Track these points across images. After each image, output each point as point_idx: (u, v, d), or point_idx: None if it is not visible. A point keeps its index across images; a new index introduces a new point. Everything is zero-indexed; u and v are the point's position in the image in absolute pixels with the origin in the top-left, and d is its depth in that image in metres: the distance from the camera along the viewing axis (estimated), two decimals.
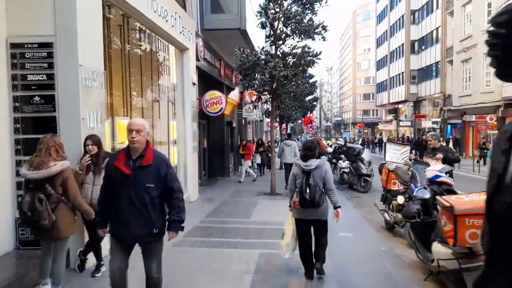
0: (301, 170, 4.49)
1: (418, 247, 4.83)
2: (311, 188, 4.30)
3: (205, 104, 10.61)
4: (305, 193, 4.29)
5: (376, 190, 12.60)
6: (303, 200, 4.31)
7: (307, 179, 4.39)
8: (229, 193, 11.49)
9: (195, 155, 10.37)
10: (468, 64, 25.17)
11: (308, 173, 4.42)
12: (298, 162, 4.63)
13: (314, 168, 4.42)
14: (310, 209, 4.38)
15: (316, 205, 4.33)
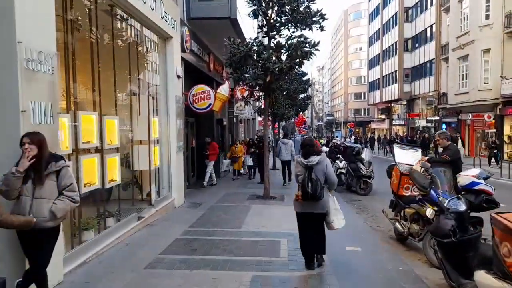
0: (303, 166, 4.74)
1: (448, 270, 3.91)
2: (312, 182, 4.54)
3: (192, 100, 9.60)
4: (307, 187, 4.54)
5: (377, 192, 11.74)
6: (305, 193, 4.56)
7: (309, 174, 4.62)
8: (219, 197, 10.49)
9: (180, 155, 9.35)
10: (465, 61, 24.53)
11: (310, 168, 4.67)
12: (299, 159, 4.85)
13: (316, 164, 4.68)
14: (311, 203, 4.64)
15: (317, 198, 4.57)
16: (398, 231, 6.15)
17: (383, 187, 12.45)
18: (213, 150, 12.30)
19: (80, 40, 5.75)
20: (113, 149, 6.40)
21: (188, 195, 10.61)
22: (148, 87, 8.06)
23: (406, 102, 37.70)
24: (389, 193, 12.24)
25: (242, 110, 17.74)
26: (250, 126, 27.65)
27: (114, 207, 6.57)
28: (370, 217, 8.49)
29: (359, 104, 64.56)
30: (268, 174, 10.40)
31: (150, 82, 8.20)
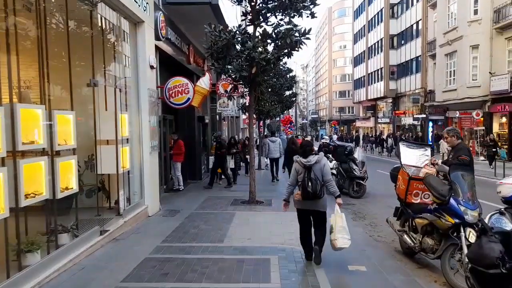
0: (302, 166, 4.86)
1: None
2: (312, 181, 4.71)
3: (168, 94, 8.54)
4: (307, 187, 4.71)
5: (371, 195, 10.93)
6: (306, 193, 4.75)
7: (308, 173, 4.76)
8: (199, 202, 9.46)
9: (155, 156, 8.28)
10: (453, 58, 24.13)
11: (309, 168, 4.80)
12: (298, 159, 4.96)
13: (314, 163, 4.82)
14: (311, 201, 4.84)
15: (318, 197, 4.78)
16: (408, 244, 5.27)
17: (377, 189, 11.70)
18: (178, 150, 10.93)
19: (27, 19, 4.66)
20: (68, 151, 5.30)
21: (165, 200, 9.56)
22: (115, 78, 6.96)
23: (392, 100, 37.34)
24: (383, 195, 11.59)
25: (225, 107, 16.70)
26: (234, 124, 26.62)
27: (71, 220, 5.47)
28: (368, 224, 7.63)
29: (343, 102, 64.31)
30: (254, 176, 9.43)
31: (118, 73, 7.09)
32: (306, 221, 5.09)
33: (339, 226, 4.76)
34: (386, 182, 13.90)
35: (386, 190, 11.81)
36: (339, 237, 4.70)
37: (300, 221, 5.19)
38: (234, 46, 8.53)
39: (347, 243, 4.71)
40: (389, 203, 9.84)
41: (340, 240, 4.69)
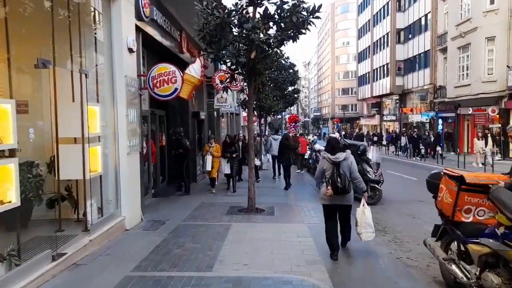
0: (331, 162, 5.07)
1: None
2: (341, 177, 4.97)
3: (152, 83, 7.22)
4: (337, 182, 4.93)
5: (386, 200, 9.60)
6: (336, 188, 4.94)
7: (337, 170, 5.01)
8: (191, 209, 8.17)
9: (134, 158, 6.97)
10: (466, 51, 22.69)
11: (337, 164, 5.04)
12: (326, 155, 5.17)
13: (343, 160, 5.07)
14: (340, 196, 5.02)
15: (347, 192, 5.03)
16: (457, 277, 3.94)
17: (392, 193, 10.36)
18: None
19: None
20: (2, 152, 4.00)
21: (151, 208, 8.26)
22: (81, 61, 5.63)
23: (398, 96, 35.91)
24: (401, 200, 9.94)
25: (223, 103, 15.37)
26: (234, 122, 25.25)
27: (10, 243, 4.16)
28: (392, 241, 6.29)
29: (346, 99, 62.93)
30: (254, 180, 8.11)
31: (84, 55, 5.76)
32: (333, 217, 5.24)
33: (364, 222, 5.16)
34: (401, 184, 12.60)
35: (403, 194, 10.50)
36: (364, 232, 5.15)
37: (327, 218, 5.31)
38: (229, 26, 7.20)
39: (371, 236, 5.24)
40: (410, 211, 8.52)
41: (365, 234, 5.18)
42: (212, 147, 10.63)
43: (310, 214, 7.82)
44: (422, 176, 14.58)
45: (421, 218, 7.80)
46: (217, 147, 10.82)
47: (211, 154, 10.45)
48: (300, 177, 14.24)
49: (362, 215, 5.22)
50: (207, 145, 11.01)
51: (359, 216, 5.24)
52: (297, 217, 7.53)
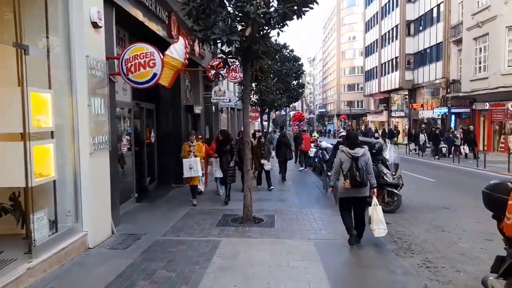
0: (350, 157, 5.24)
1: None
2: (360, 171, 5.17)
3: (125, 68, 5.93)
4: (356, 176, 5.14)
5: (406, 207, 8.26)
6: (354, 181, 5.15)
7: (356, 164, 5.20)
8: (176, 219, 6.89)
9: (102, 158, 5.68)
10: (484, 42, 21.18)
11: (356, 159, 5.22)
12: (345, 149, 5.33)
13: (361, 156, 5.25)
14: (357, 189, 5.24)
15: (365, 185, 5.26)
16: None
17: (411, 197, 8.99)
18: None
19: None
20: None
21: (130, 217, 7.02)
22: (17, 35, 4.32)
23: (407, 91, 34.37)
24: (423, 207, 8.41)
25: (221, 96, 14.06)
26: (235, 117, 23.91)
27: None
28: (422, 264, 4.94)
29: (352, 96, 61.38)
30: (250, 184, 6.79)
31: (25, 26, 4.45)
32: (349, 209, 5.46)
33: (376, 219, 5.33)
34: (418, 187, 10.72)
35: (422, 199, 9.11)
36: (376, 228, 5.31)
37: (344, 210, 5.52)
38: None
39: (383, 232, 5.35)
40: (436, 221, 7.13)
41: (377, 231, 5.31)
42: (193, 146, 8.14)
43: (317, 225, 6.51)
44: (440, 177, 13.11)
45: (453, 232, 6.46)
46: (200, 146, 8.35)
47: (195, 156, 8.09)
48: (304, 178, 12.92)
49: (374, 211, 5.38)
50: (186, 144, 8.27)
51: (371, 213, 5.39)
52: (301, 230, 6.22)
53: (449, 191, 10.52)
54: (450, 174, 14.25)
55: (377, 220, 5.32)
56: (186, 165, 7.95)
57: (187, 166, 7.93)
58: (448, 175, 13.77)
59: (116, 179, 6.40)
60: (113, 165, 6.14)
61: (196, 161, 7.97)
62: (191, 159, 7.95)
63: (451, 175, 13.94)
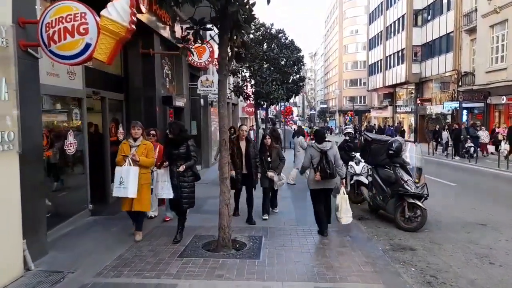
0: (319, 151, 5.54)
1: None
2: (330, 164, 5.44)
3: (46, 36, 4.16)
4: (326, 168, 5.40)
5: (434, 223, 6.48)
6: (325, 173, 5.41)
7: (325, 157, 5.48)
8: (127, 245, 5.14)
9: (1, 166, 3.90)
10: (502, 29, 19.31)
11: (325, 152, 5.51)
12: (313, 144, 5.64)
13: (329, 149, 5.56)
14: (327, 180, 5.51)
15: (334, 176, 5.54)
16: None
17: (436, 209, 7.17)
18: None
19: None
20: None
21: (66, 241, 5.29)
22: None
23: (414, 85, 32.49)
24: (451, 222, 6.49)
25: (209, 87, 12.26)
26: (230, 112, 22.09)
27: None
28: None
29: (355, 91, 59.55)
30: (228, 197, 5.02)
31: None
32: (320, 200, 5.68)
33: (344, 208, 5.64)
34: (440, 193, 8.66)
35: (450, 210, 7.21)
36: (343, 216, 5.64)
37: (315, 200, 5.74)
38: None
39: (349, 219, 5.69)
40: (475, 245, 5.18)
41: (344, 219, 5.65)
42: (136, 147, 5.18)
43: (320, 256, 4.75)
44: (461, 180, 10.38)
45: (506, 265, 4.68)
46: (148, 147, 5.28)
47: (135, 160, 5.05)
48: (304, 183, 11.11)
49: (343, 201, 5.64)
50: (124, 142, 5.31)
51: (339, 201, 5.65)
52: (297, 264, 4.48)
53: (477, 198, 8.75)
54: (471, 176, 12.44)
55: (345, 209, 5.63)
56: (117, 177, 5.05)
57: (117, 179, 5.03)
58: (470, 178, 11.96)
59: (40, 192, 4.63)
60: (33, 173, 4.37)
61: (130, 171, 4.95)
62: (123, 169, 4.99)
63: (472, 177, 12.13)
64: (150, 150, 5.30)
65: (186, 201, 5.27)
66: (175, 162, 5.19)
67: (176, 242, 5.22)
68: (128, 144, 5.24)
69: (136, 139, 5.24)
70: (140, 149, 5.19)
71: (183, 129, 5.37)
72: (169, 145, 5.30)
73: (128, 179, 4.92)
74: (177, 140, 5.21)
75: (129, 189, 4.91)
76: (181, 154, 5.20)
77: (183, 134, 5.30)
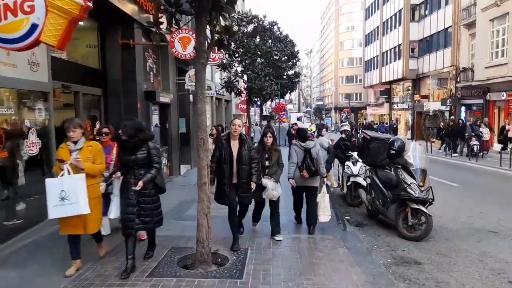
0: (303, 149, 5.65)
1: None
2: (314, 162, 5.56)
3: None
4: (311, 166, 5.53)
5: (439, 231, 5.85)
6: (309, 170, 5.52)
7: (309, 155, 5.58)
8: (88, 263, 4.47)
9: None
10: (503, 23, 18.72)
11: (308, 151, 5.62)
12: (297, 143, 5.77)
13: (312, 147, 5.66)
14: (309, 178, 5.58)
15: (317, 174, 5.62)
16: None
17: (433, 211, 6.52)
18: None
19: None
20: None
21: (28, 254, 4.58)
22: None
23: (411, 82, 31.92)
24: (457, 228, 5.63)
25: None
26: (222, 109, 21.38)
27: None
28: None
29: (351, 88, 58.91)
30: (208, 206, 4.34)
31: None
32: (300, 195, 5.82)
33: (323, 206, 5.66)
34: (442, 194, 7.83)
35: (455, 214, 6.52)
36: (322, 214, 5.65)
37: (296, 196, 5.90)
38: None
39: (328, 218, 5.68)
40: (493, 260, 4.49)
41: (322, 217, 5.65)
42: (77, 151, 4.03)
43: (313, 269, 4.10)
44: (463, 180, 9.20)
45: None
46: (94, 149, 4.16)
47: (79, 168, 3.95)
48: None
49: (322, 199, 5.67)
50: (62, 147, 4.08)
51: (319, 200, 5.67)
52: (288, 282, 3.83)
53: (483, 201, 8.13)
54: (472, 175, 11.84)
55: (323, 207, 5.65)
56: (52, 192, 3.85)
57: (55, 194, 3.83)
58: (472, 178, 11.36)
59: None
60: None
61: (74, 180, 3.85)
62: (63, 179, 3.86)
63: (474, 177, 11.54)
64: (97, 153, 4.13)
65: (149, 219, 4.15)
66: (132, 171, 4.08)
67: (149, 257, 4.53)
68: (66, 148, 4.01)
69: (77, 140, 4.03)
70: (83, 153, 4.01)
71: (141, 127, 4.16)
72: (122, 149, 4.15)
73: (75, 191, 3.81)
74: (132, 143, 4.04)
75: (80, 203, 3.82)
76: (139, 161, 4.07)
77: (141, 134, 4.09)
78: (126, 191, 4.08)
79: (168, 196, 5.00)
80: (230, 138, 4.95)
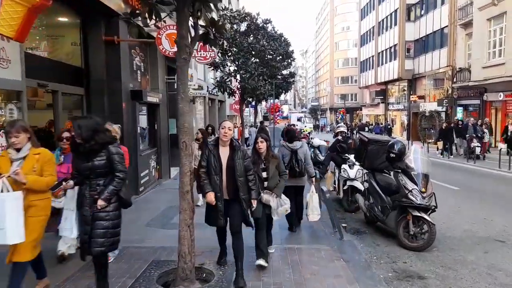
0: (289, 150, 5.66)
1: None
2: (299, 163, 5.57)
3: None
4: (295, 167, 5.54)
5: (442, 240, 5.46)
6: (294, 172, 5.50)
7: (295, 156, 5.59)
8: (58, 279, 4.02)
9: None
10: (500, 22, 18.48)
11: (295, 152, 5.63)
12: (285, 144, 5.79)
13: (299, 148, 5.68)
14: (297, 178, 5.62)
15: (303, 175, 5.70)
16: None
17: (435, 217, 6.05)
18: None
19: None
20: None
21: None
22: None
23: (407, 82, 31.69)
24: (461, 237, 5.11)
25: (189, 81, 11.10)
26: (215, 110, 20.93)
27: None
28: None
29: (346, 88, 58.74)
30: (190, 217, 3.92)
31: None
32: (291, 196, 5.24)
33: (312, 206, 5.66)
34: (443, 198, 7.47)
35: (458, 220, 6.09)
36: (311, 213, 5.67)
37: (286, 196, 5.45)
38: None
39: (317, 217, 5.69)
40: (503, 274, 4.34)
41: (311, 216, 5.67)
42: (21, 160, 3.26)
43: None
44: (462, 183, 7.93)
45: None
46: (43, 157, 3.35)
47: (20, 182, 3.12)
48: None
49: (311, 199, 5.68)
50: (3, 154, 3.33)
51: (308, 199, 5.70)
52: None
53: (485, 206, 7.77)
54: (472, 178, 11.50)
55: (312, 207, 5.65)
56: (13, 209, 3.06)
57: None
58: (472, 180, 11.01)
59: None
60: None
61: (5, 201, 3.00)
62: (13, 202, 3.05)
63: (474, 180, 11.20)
64: (47, 162, 3.33)
65: (102, 241, 3.26)
66: (88, 181, 3.32)
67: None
68: (7, 156, 3.25)
69: (20, 148, 3.25)
70: (28, 162, 3.24)
71: (99, 127, 3.37)
72: (77, 154, 3.39)
73: (1, 213, 2.95)
74: (88, 147, 3.27)
75: (8, 230, 2.96)
76: (96, 169, 3.28)
77: (99, 136, 3.31)
78: (81, 206, 3.34)
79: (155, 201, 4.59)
80: (218, 144, 4.11)
